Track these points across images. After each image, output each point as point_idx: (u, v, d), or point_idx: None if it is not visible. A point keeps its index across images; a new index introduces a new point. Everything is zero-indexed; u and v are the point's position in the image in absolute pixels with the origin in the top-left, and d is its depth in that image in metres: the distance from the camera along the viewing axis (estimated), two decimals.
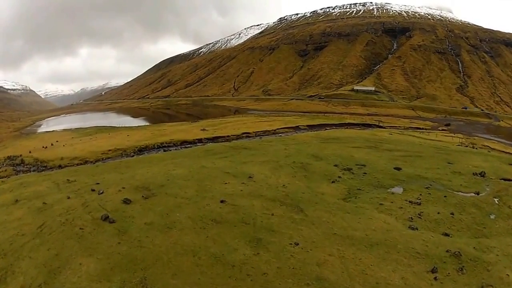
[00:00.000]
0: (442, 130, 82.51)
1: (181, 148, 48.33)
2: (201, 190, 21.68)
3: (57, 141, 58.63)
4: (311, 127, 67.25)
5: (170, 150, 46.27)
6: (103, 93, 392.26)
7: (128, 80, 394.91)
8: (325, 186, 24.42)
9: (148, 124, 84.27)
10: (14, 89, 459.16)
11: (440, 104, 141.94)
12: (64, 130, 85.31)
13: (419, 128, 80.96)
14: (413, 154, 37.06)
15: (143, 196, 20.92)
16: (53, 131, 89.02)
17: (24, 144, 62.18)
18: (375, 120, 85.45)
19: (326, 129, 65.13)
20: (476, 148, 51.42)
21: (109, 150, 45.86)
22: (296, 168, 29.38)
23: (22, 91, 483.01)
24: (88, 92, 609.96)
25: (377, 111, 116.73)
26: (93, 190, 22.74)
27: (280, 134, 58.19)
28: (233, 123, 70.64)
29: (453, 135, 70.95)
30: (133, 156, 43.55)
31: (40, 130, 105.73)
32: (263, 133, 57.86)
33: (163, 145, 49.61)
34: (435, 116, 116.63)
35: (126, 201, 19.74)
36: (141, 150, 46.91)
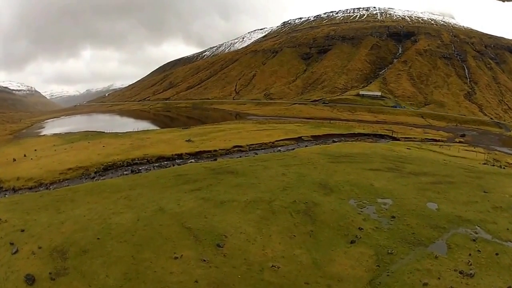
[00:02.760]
0: (459, 142, 74.18)
1: (153, 167, 39.71)
2: (130, 273, 12.79)
3: (35, 150, 53.07)
4: (316, 138, 57.43)
5: (140, 170, 37.80)
6: (106, 94, 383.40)
7: (133, 82, 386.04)
8: (341, 256, 15.64)
9: (136, 130, 74.53)
10: (19, 90, 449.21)
11: (449, 111, 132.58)
12: (54, 135, 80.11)
13: (436, 140, 71.86)
14: (443, 180, 29.17)
15: (50, 274, 13.66)
16: (43, 135, 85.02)
17: (5, 152, 56.66)
18: (386, 130, 75.62)
19: (334, 141, 55.31)
20: (503, 167, 44.76)
21: (69, 169, 37.91)
22: (297, 215, 20.14)
23: (28, 92, 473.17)
24: (93, 93, 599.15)
25: (385, 118, 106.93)
26: (11, 243, 16.75)
27: (279, 148, 48.33)
28: (226, 131, 60.89)
29: (473, 149, 62.92)
30: (93, 178, 36.03)
31: (32, 133, 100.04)
32: (259, 146, 48.07)
33: (134, 161, 40.85)
34: (446, 125, 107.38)
35: (29, 281, 13.34)
36: (106, 169, 38.79)
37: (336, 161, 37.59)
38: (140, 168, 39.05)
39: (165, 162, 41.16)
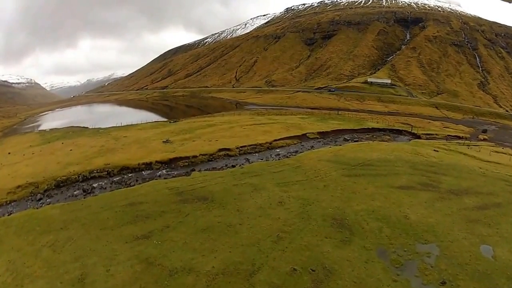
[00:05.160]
0: (484, 139, 65.36)
1: (111, 183, 29.51)
2: None
3: (9, 153, 46.43)
4: (323, 135, 46.06)
5: (93, 188, 28.37)
6: (106, 84, 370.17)
7: (134, 71, 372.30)
8: None
9: (119, 125, 64.34)
10: (18, 83, 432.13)
11: (463, 101, 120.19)
12: (39, 131, 74.40)
13: (459, 137, 61.01)
14: (488, 202, 23.62)
15: None
16: (29, 132, 77.68)
17: None
18: (403, 123, 64.29)
19: (346, 140, 43.95)
20: None
21: (19, 187, 29.54)
22: None
23: (27, 84, 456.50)
24: (93, 83, 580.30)
25: (397, 108, 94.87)
26: None
27: (278, 151, 36.90)
28: (216, 127, 49.58)
29: (502, 149, 54.31)
30: (39, 200, 27.60)
31: (21, 130, 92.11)
32: (252, 149, 36.57)
33: (92, 174, 31.04)
34: (463, 117, 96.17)
35: None
36: (58, 186, 29.59)
37: (353, 174, 26.98)
38: (95, 185, 29.41)
39: (129, 175, 30.71)
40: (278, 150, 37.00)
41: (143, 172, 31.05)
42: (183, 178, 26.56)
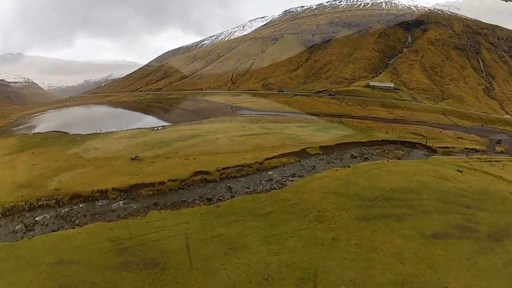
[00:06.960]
0: (501, 152, 56.74)
1: (56, 216, 22.79)
2: None
3: None
4: (326, 151, 37.97)
5: (35, 224, 21.99)
6: (103, 85, 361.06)
7: (131, 72, 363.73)
8: None
9: (99, 131, 57.18)
10: (16, 82, 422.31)
11: (469, 107, 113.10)
12: (21, 136, 68.87)
13: (477, 150, 53.44)
14: None
15: None
16: (11, 136, 71.99)
17: None
18: (413, 133, 56.58)
19: (354, 158, 35.83)
20: None
21: None
22: None
23: (24, 83, 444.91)
24: (91, 83, 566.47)
25: (403, 114, 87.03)
26: None
27: (270, 172, 28.70)
28: (199, 138, 41.63)
29: None
30: None
31: (7, 132, 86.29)
32: (237, 171, 28.21)
33: (40, 202, 24.30)
34: (472, 125, 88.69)
35: None
36: (5, 214, 23.96)
37: (371, 216, 19.03)
38: (38, 218, 22.60)
39: (80, 205, 23.44)
40: (270, 173, 28.68)
41: (96, 202, 23.56)
42: (135, 220, 18.55)
